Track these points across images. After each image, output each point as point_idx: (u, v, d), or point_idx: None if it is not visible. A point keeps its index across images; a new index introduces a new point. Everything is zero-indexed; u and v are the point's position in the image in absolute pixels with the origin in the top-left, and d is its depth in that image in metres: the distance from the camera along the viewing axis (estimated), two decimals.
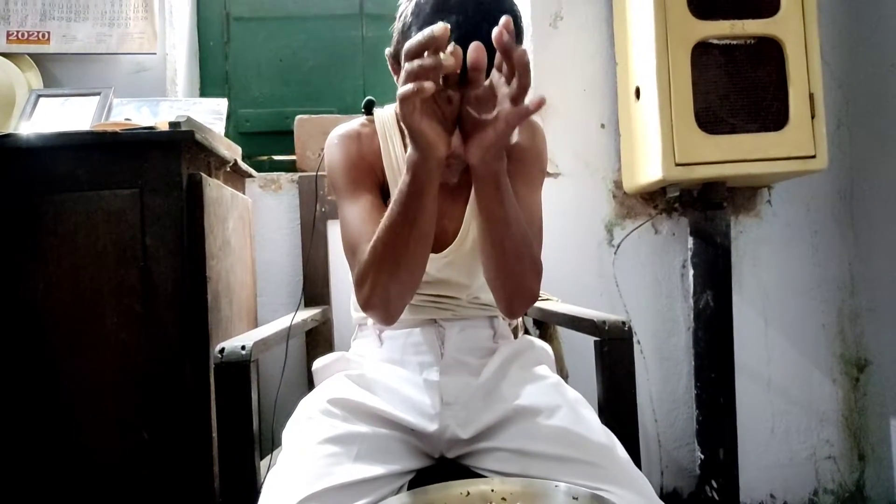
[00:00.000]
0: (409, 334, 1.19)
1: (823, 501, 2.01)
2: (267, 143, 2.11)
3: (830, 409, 2.03)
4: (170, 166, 1.33)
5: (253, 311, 1.78)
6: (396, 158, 1.12)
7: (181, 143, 1.34)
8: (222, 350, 1.18)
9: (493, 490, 0.82)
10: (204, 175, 1.39)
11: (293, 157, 1.96)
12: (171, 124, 1.35)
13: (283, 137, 2.04)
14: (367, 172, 1.11)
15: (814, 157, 1.67)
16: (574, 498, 0.78)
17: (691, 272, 1.87)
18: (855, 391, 2.03)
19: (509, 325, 1.31)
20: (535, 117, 1.16)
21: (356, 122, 1.16)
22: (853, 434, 2.03)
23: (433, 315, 1.20)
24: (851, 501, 2.02)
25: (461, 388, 1.12)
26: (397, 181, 1.10)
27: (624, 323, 1.31)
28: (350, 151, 1.12)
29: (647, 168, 1.75)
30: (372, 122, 1.15)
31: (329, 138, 1.15)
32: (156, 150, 1.34)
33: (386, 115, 1.16)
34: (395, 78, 1.00)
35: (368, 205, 1.07)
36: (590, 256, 1.99)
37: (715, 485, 1.79)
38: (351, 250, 1.05)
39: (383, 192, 1.13)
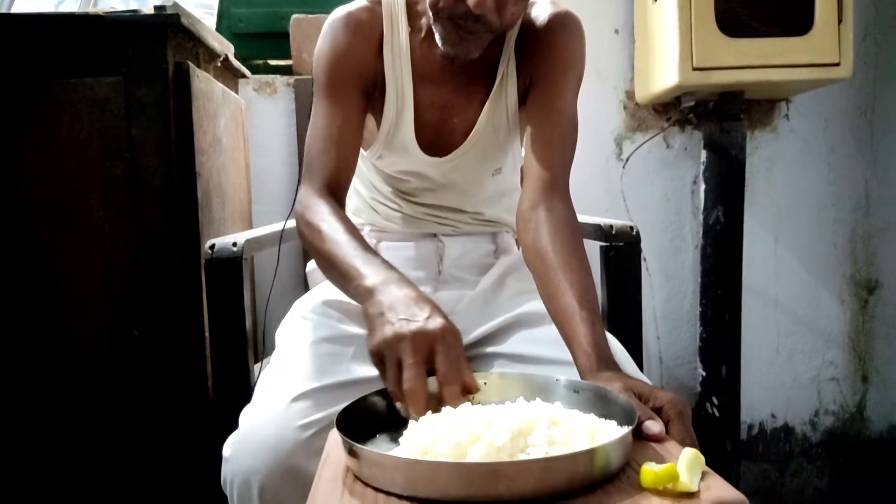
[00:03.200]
0: (407, 247, 1.16)
1: (823, 422, 2.01)
2: (262, 45, 2.00)
3: (837, 330, 1.99)
4: (155, 53, 1.26)
5: (247, 216, 1.73)
6: (400, 47, 1.05)
7: (167, 27, 1.27)
8: (213, 246, 1.16)
9: (488, 384, 0.78)
10: (192, 65, 1.32)
11: (289, 63, 1.87)
12: (156, 7, 1.27)
13: (279, 40, 1.93)
14: (353, 74, 1.03)
15: (838, 64, 1.58)
16: (575, 391, 0.75)
17: (702, 188, 1.80)
18: (863, 313, 2.00)
19: (513, 235, 1.26)
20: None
21: (361, 1, 1.06)
22: (858, 356, 2.00)
23: (433, 230, 1.16)
24: (851, 422, 2.01)
25: (456, 299, 1.10)
26: (396, 73, 1.05)
27: (632, 227, 1.27)
28: (341, 45, 1.03)
29: (663, 74, 1.66)
30: (379, 3, 1.06)
31: (327, 21, 1.06)
32: (140, 35, 1.27)
33: None
34: None
35: (341, 120, 1.01)
36: (597, 170, 1.92)
37: (716, 402, 1.78)
38: (307, 165, 1.01)
39: (370, 90, 1.06)
